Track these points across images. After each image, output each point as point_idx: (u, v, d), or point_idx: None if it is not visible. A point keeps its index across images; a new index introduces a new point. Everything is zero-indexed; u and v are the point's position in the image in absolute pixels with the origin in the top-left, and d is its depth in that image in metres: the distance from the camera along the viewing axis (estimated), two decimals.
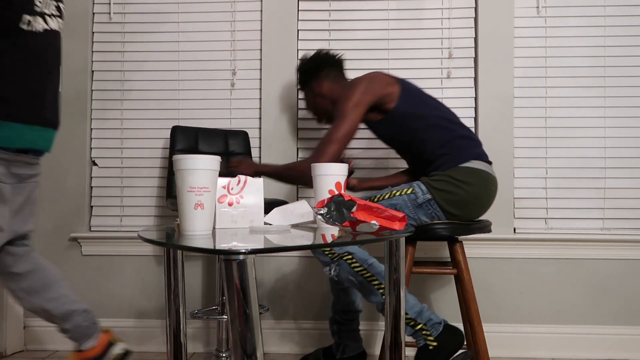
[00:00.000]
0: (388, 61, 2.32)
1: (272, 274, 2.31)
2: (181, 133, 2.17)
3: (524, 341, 2.23)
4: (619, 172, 2.26)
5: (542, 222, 2.27)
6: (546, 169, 2.28)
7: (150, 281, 2.34)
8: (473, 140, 1.78)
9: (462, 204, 1.67)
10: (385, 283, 1.26)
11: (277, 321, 2.30)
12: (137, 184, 2.36)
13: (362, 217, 1.08)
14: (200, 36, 2.36)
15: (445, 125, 1.75)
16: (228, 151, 2.24)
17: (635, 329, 2.22)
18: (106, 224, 2.36)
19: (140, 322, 2.33)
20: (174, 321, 1.27)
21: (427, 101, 1.79)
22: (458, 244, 1.75)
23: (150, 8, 2.37)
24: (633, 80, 2.26)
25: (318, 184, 1.27)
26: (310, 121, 2.33)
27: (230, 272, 0.84)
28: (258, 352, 0.85)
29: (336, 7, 2.34)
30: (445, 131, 1.74)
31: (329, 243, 0.97)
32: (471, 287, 1.73)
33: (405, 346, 1.27)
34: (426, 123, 1.74)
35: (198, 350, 2.31)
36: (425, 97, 1.80)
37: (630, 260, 2.23)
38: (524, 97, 2.28)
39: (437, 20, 2.31)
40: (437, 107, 1.79)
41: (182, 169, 1.08)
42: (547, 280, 2.25)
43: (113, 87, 2.37)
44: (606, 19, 2.27)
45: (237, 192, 1.26)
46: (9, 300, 2.24)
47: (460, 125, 1.79)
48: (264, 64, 2.33)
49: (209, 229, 1.11)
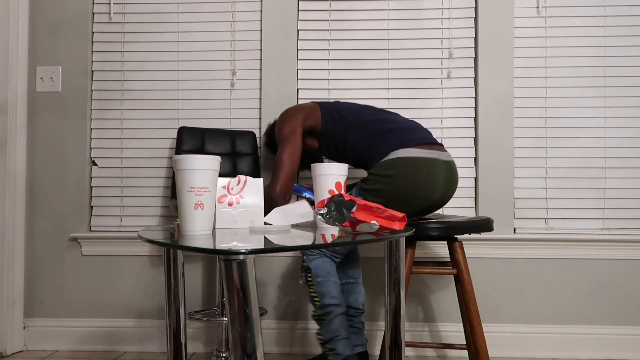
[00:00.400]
0: (388, 61, 2.32)
1: (272, 274, 2.31)
2: (188, 133, 2.17)
3: (524, 341, 2.23)
4: (619, 172, 2.26)
5: (542, 222, 2.27)
6: (546, 169, 2.28)
7: (150, 281, 2.34)
8: (397, 130, 1.76)
9: (393, 198, 1.68)
10: (385, 283, 1.26)
11: (277, 321, 2.30)
12: (137, 184, 2.36)
13: (362, 217, 1.08)
14: (200, 36, 2.36)
15: (367, 128, 1.78)
16: (235, 151, 2.24)
17: (635, 329, 2.22)
18: (106, 224, 2.36)
19: (140, 322, 2.33)
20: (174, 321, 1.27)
21: (346, 112, 1.85)
22: (457, 244, 1.75)
23: (150, 8, 2.37)
24: (633, 80, 2.26)
25: (318, 184, 1.27)
26: None
27: (230, 272, 0.84)
28: (258, 352, 0.85)
29: (336, 7, 2.34)
30: (368, 133, 1.78)
31: (329, 243, 0.97)
32: (471, 287, 1.73)
33: (405, 346, 1.27)
34: (349, 132, 1.80)
35: (198, 350, 2.31)
36: (343, 109, 1.86)
37: (630, 260, 2.23)
38: (524, 97, 2.28)
39: (437, 20, 2.31)
40: (358, 114, 1.84)
41: (182, 169, 1.08)
42: (547, 280, 2.25)
43: (113, 87, 2.37)
44: (606, 19, 2.27)
45: (237, 192, 1.26)
46: (9, 300, 2.24)
47: (385, 120, 1.80)
48: (264, 64, 2.33)
49: (209, 229, 1.11)
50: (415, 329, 2.27)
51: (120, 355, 2.25)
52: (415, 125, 1.80)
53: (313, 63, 2.34)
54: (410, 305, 2.28)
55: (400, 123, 1.79)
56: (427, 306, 2.28)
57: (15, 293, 2.27)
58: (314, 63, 2.34)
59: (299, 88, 2.33)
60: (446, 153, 1.75)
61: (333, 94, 2.33)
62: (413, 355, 2.25)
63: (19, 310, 2.30)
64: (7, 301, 2.23)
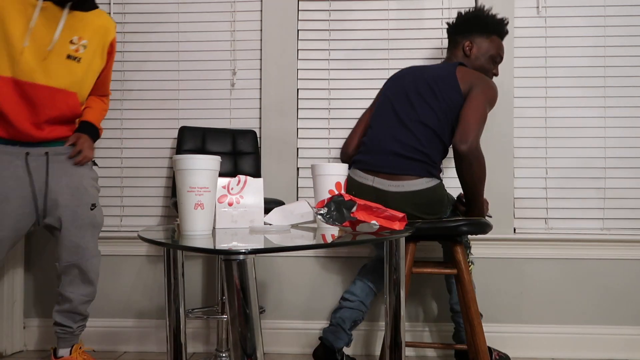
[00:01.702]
0: (388, 61, 2.32)
1: (272, 274, 2.31)
2: (188, 133, 2.17)
3: (524, 341, 2.23)
4: (619, 172, 2.26)
5: (542, 222, 2.27)
6: (546, 169, 2.28)
7: (150, 281, 2.34)
8: (364, 147, 1.93)
9: None
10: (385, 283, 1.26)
11: (277, 321, 2.30)
12: (137, 184, 2.36)
13: (362, 217, 1.08)
14: (200, 36, 2.36)
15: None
16: (236, 151, 2.24)
17: (636, 329, 2.22)
18: (106, 224, 2.36)
19: (139, 322, 2.33)
20: (174, 321, 1.27)
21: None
22: (458, 245, 1.75)
23: (150, 8, 2.37)
24: (633, 80, 2.26)
25: (318, 184, 1.27)
26: (310, 121, 2.33)
27: (230, 272, 0.84)
28: (258, 352, 0.85)
29: (336, 7, 2.34)
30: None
31: (329, 243, 0.97)
32: (471, 287, 1.73)
33: (405, 346, 1.27)
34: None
35: (198, 350, 2.31)
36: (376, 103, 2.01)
37: (630, 260, 2.23)
38: (524, 97, 2.28)
39: (437, 20, 2.31)
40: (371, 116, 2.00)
41: (181, 169, 1.08)
42: (547, 280, 2.25)
43: (113, 87, 2.37)
44: (606, 19, 2.27)
45: (237, 192, 1.26)
46: (9, 300, 2.24)
47: (370, 127, 1.95)
48: (264, 64, 2.33)
49: (209, 229, 1.11)
50: (415, 329, 2.27)
51: (120, 355, 2.25)
52: (397, 150, 1.82)
53: (313, 63, 2.34)
54: (410, 305, 2.28)
55: (372, 140, 1.89)
56: (427, 306, 2.28)
57: (15, 293, 2.27)
58: (314, 63, 2.34)
59: (299, 88, 2.33)
60: (397, 181, 1.78)
61: (333, 94, 2.33)
62: (413, 355, 2.25)
63: (19, 310, 2.30)
64: (7, 301, 2.23)
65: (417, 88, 1.87)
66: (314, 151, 2.33)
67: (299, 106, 2.34)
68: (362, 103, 2.31)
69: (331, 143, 2.33)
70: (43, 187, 1.79)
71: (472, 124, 1.73)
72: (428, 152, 1.80)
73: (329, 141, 2.33)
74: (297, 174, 2.32)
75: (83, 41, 1.84)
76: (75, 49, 1.82)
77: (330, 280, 2.29)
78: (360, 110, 2.31)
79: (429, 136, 1.81)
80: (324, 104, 2.33)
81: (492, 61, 1.99)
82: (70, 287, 1.84)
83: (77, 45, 1.82)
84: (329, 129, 2.33)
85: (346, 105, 2.32)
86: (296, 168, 2.32)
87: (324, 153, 2.33)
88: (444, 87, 1.83)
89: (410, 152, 1.80)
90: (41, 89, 1.75)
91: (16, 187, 1.76)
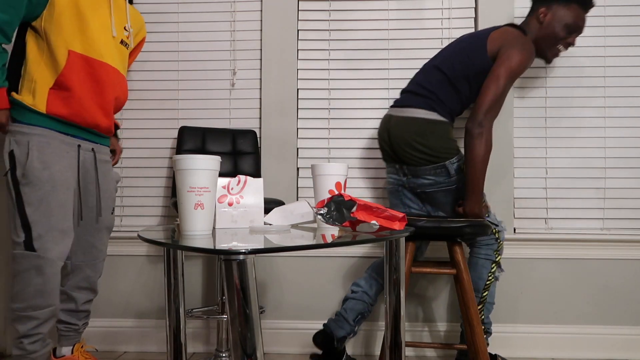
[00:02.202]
0: (388, 61, 2.32)
1: (272, 274, 2.31)
2: (188, 133, 2.17)
3: (524, 341, 2.23)
4: (619, 172, 2.26)
5: (542, 222, 2.27)
6: (546, 169, 2.28)
7: (150, 281, 2.34)
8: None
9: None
10: (385, 283, 1.26)
11: (277, 321, 2.30)
12: (137, 184, 2.36)
13: (362, 217, 1.08)
14: (200, 36, 2.36)
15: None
16: (236, 151, 2.24)
17: (636, 329, 2.22)
18: None
19: (139, 322, 2.33)
20: (174, 321, 1.27)
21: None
22: (457, 245, 1.75)
23: (150, 8, 2.37)
24: (633, 80, 2.26)
25: (318, 184, 1.27)
26: (310, 121, 2.33)
27: (230, 272, 0.84)
28: (258, 352, 0.85)
29: (336, 7, 2.34)
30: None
31: (329, 243, 0.97)
32: (471, 287, 1.73)
33: (405, 346, 1.27)
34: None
35: (198, 350, 2.31)
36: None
37: (630, 260, 2.23)
38: (524, 97, 2.28)
39: (437, 20, 2.31)
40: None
41: (181, 169, 1.08)
42: (547, 280, 2.25)
43: None
44: (606, 19, 2.27)
45: (237, 192, 1.26)
46: (9, 300, 2.23)
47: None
48: (264, 64, 2.33)
49: (209, 229, 1.11)
50: (415, 329, 2.27)
51: (120, 355, 2.25)
52: (409, 88, 1.99)
53: (313, 63, 2.34)
54: (410, 305, 2.28)
55: (412, 82, 2.02)
56: (427, 306, 2.28)
57: None
58: (314, 63, 2.34)
59: (299, 88, 2.33)
60: (402, 109, 1.94)
61: (333, 93, 2.33)
62: (413, 355, 2.25)
63: None
64: (7, 301, 2.23)
65: (455, 44, 1.97)
66: (314, 151, 2.33)
67: (299, 106, 2.34)
68: (362, 103, 2.32)
69: (331, 143, 2.33)
70: (93, 185, 1.81)
71: (484, 103, 1.79)
72: (435, 90, 1.91)
73: (329, 141, 2.33)
74: (297, 174, 2.32)
75: (131, 30, 1.90)
76: (127, 35, 1.87)
77: (330, 280, 2.29)
78: (360, 111, 2.31)
79: (440, 79, 1.91)
80: (324, 104, 2.33)
81: (567, 30, 1.93)
82: (76, 288, 1.85)
83: (128, 32, 1.88)
84: (329, 129, 2.33)
85: (346, 105, 2.32)
86: (296, 168, 2.32)
87: (324, 153, 2.33)
88: (471, 45, 1.90)
89: (418, 89, 1.94)
90: (107, 68, 1.75)
91: (72, 179, 1.72)
